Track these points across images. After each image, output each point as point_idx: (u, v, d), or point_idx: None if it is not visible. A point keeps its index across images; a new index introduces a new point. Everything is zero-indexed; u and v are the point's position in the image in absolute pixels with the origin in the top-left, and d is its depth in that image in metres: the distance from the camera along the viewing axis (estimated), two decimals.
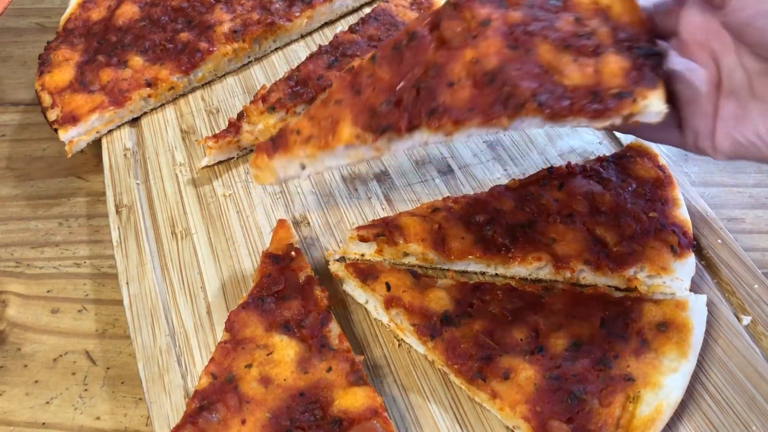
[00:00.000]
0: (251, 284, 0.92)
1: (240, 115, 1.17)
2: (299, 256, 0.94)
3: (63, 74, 1.24)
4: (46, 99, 1.21)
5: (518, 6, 0.75)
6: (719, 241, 0.98)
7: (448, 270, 0.97)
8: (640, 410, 0.77)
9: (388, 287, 0.90)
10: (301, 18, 1.37)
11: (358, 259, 0.98)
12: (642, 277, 0.90)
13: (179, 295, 0.97)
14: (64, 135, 1.17)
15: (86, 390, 0.93)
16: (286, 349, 0.83)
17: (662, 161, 1.04)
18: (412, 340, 0.89)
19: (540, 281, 0.94)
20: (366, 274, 0.92)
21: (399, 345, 0.90)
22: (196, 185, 1.13)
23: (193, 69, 1.27)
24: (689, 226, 0.95)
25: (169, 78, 1.25)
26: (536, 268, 0.94)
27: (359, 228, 0.98)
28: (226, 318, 0.87)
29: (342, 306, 0.95)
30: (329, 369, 0.81)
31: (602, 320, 0.85)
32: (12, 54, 1.51)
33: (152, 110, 1.27)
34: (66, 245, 1.11)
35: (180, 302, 0.96)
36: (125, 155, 1.19)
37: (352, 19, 1.43)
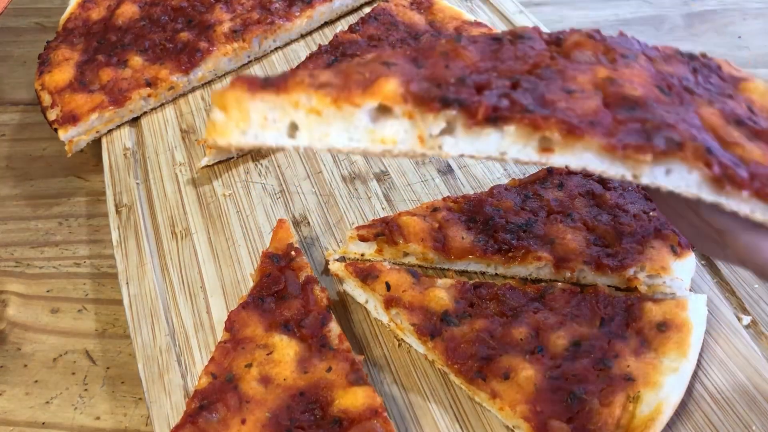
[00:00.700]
0: (251, 284, 0.92)
1: None
2: (299, 256, 0.94)
3: (63, 74, 1.24)
4: (46, 98, 1.21)
5: (672, 63, 0.62)
6: None
7: (448, 270, 0.97)
8: (641, 410, 0.76)
9: (388, 287, 0.90)
10: (301, 18, 1.37)
11: (358, 259, 0.98)
12: (642, 277, 0.90)
13: (179, 295, 0.97)
14: (64, 134, 1.17)
15: (86, 390, 0.93)
16: (286, 349, 0.83)
17: None
18: (412, 340, 0.89)
19: (540, 281, 0.94)
20: (366, 274, 0.92)
21: (399, 345, 0.90)
22: (196, 185, 1.13)
23: (193, 68, 1.27)
24: None
25: (169, 78, 1.25)
26: (536, 268, 0.94)
27: (359, 228, 0.98)
28: (226, 318, 0.87)
29: (342, 306, 0.95)
30: (329, 369, 0.81)
31: (602, 320, 0.85)
32: (11, 54, 1.51)
33: (152, 110, 1.27)
34: (66, 245, 1.11)
35: (180, 302, 0.96)
36: (125, 155, 1.19)
37: (352, 19, 1.42)
